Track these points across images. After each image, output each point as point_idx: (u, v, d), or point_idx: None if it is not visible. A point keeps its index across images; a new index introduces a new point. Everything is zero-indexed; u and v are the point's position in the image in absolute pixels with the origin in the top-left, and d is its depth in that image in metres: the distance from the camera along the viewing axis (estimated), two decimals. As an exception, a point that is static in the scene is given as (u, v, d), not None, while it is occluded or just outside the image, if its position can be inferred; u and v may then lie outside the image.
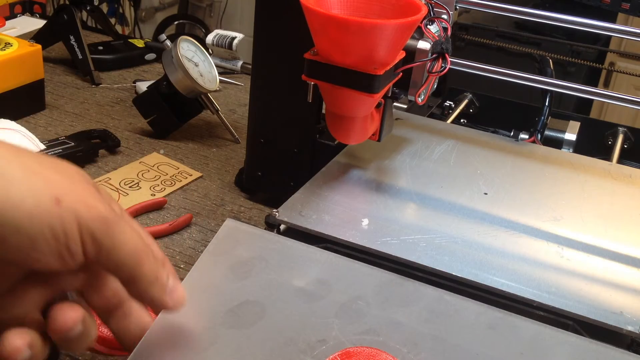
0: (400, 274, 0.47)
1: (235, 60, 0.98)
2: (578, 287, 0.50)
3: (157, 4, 3.04)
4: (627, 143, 0.82)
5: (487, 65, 0.66)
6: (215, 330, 0.40)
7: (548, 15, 0.63)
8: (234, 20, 2.97)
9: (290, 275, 0.45)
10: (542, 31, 1.67)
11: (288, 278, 0.45)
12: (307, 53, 0.53)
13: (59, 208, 0.33)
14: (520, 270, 0.51)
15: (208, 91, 0.91)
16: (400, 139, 0.69)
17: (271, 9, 0.66)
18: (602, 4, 0.75)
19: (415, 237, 0.53)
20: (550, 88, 0.67)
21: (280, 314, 0.42)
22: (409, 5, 0.51)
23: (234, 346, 0.39)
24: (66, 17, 1.12)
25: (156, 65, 1.24)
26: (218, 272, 0.44)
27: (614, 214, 0.60)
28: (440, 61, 0.56)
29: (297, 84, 0.55)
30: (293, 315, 0.41)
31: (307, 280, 0.45)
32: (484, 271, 0.50)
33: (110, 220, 0.35)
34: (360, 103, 0.54)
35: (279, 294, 0.43)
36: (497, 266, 0.51)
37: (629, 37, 0.62)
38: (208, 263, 0.45)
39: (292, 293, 0.43)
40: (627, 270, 0.52)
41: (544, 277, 0.50)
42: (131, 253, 0.36)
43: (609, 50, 2.01)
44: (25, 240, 0.33)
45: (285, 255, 0.47)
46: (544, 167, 0.67)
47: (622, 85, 2.10)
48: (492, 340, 0.41)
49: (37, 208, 0.33)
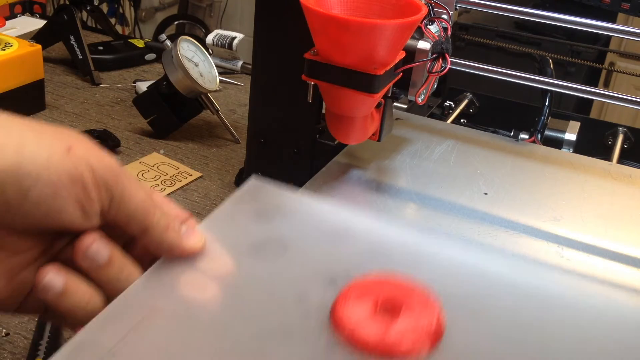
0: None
1: (235, 60, 0.98)
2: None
3: (157, 4, 3.04)
4: (627, 143, 0.82)
5: (487, 65, 0.66)
6: (237, 259, 0.41)
7: (548, 15, 0.63)
8: (234, 20, 2.97)
9: (319, 221, 0.45)
10: (542, 31, 1.67)
11: (315, 224, 0.45)
12: (307, 53, 0.53)
13: (72, 156, 0.35)
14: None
15: (208, 91, 0.91)
16: (400, 139, 0.69)
17: (271, 9, 0.66)
18: (602, 4, 0.75)
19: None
20: (550, 88, 0.67)
21: (305, 250, 0.43)
22: (409, 5, 0.51)
23: (255, 273, 0.40)
24: (66, 17, 1.12)
25: (156, 65, 1.24)
26: (241, 215, 0.44)
27: (614, 214, 0.60)
28: (440, 61, 0.56)
29: (297, 84, 0.55)
30: (318, 252, 0.42)
31: (335, 227, 0.45)
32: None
33: (118, 170, 0.36)
34: (360, 103, 0.54)
35: (305, 234, 0.44)
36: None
37: (629, 37, 0.62)
38: (229, 209, 0.45)
39: (318, 235, 0.44)
40: (627, 270, 0.52)
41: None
42: (141, 203, 0.37)
43: (609, 50, 2.01)
44: (46, 189, 0.34)
45: (314, 209, 0.47)
46: (544, 167, 0.67)
47: (622, 85, 2.10)
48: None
49: (52, 157, 0.34)
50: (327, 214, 0.47)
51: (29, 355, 0.56)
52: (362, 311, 0.37)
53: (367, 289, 0.38)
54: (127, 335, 0.35)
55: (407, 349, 0.35)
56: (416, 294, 0.38)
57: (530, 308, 0.39)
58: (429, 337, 0.36)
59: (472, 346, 0.36)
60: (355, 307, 0.37)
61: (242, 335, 0.36)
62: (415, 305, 0.37)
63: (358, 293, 0.38)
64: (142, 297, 0.37)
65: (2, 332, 0.59)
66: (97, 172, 0.35)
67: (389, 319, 0.36)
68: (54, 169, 0.34)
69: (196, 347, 0.35)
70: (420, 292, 0.38)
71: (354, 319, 0.36)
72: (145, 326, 0.36)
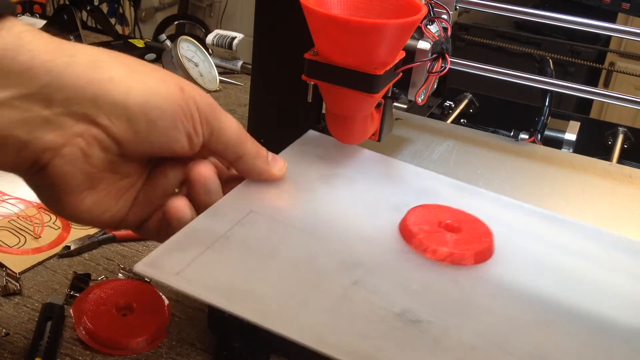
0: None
1: (235, 60, 0.98)
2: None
3: (157, 4, 3.04)
4: (627, 143, 0.82)
5: (487, 65, 0.66)
6: (312, 185, 0.49)
7: (548, 15, 0.63)
8: (234, 20, 2.97)
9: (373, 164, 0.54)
10: (542, 31, 1.67)
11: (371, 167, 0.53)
12: (307, 53, 0.53)
13: (184, 94, 0.40)
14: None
15: (208, 91, 0.91)
16: (400, 139, 0.69)
17: (271, 9, 0.66)
18: (602, 4, 0.75)
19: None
20: (550, 88, 0.67)
21: (367, 185, 0.50)
22: (409, 5, 0.51)
23: (330, 197, 0.48)
24: (66, 17, 1.12)
25: (156, 65, 1.24)
26: (307, 156, 0.52)
27: (614, 214, 0.60)
28: (440, 61, 0.56)
29: (297, 84, 0.55)
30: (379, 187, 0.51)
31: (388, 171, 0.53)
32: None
33: (215, 106, 0.42)
34: (360, 103, 0.54)
35: (365, 173, 0.52)
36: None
37: (629, 37, 0.62)
38: (294, 150, 0.52)
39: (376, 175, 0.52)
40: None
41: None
42: (235, 134, 0.43)
43: (609, 50, 2.01)
44: (168, 121, 0.40)
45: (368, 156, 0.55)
46: (544, 167, 0.67)
47: (622, 85, 2.10)
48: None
49: (170, 93, 0.40)
50: (379, 160, 0.55)
51: (29, 355, 0.56)
52: (429, 227, 0.45)
53: (430, 212, 0.46)
54: (234, 227, 0.42)
55: (468, 258, 0.43)
56: (472, 220, 0.47)
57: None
58: (484, 252, 0.44)
59: (515, 266, 0.44)
60: (423, 224, 0.45)
61: (327, 240, 0.43)
62: (471, 227, 0.46)
63: (423, 214, 0.46)
64: (239, 204, 0.45)
65: (2, 332, 0.59)
66: (201, 109, 0.41)
67: (452, 235, 0.44)
68: (173, 103, 0.39)
69: (291, 241, 0.42)
70: (473, 219, 0.47)
71: (424, 231, 0.44)
72: (248, 222, 0.43)
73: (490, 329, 0.38)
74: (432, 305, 0.39)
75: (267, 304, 0.37)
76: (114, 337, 0.58)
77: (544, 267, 0.45)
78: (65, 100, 0.37)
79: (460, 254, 0.43)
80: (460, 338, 0.37)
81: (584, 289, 0.43)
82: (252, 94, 0.71)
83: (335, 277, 0.40)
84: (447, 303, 0.40)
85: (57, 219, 0.74)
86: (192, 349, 0.59)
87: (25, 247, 0.69)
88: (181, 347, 0.59)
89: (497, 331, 0.38)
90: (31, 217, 0.74)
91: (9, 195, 0.77)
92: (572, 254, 0.47)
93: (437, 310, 0.39)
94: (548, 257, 0.46)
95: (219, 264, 0.39)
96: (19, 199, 0.76)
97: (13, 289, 0.63)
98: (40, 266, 0.67)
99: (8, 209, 0.75)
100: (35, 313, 0.61)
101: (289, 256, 0.41)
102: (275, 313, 0.37)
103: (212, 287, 0.38)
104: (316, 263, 0.41)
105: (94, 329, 0.58)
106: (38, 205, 0.76)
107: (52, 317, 0.59)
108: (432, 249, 0.43)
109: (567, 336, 0.38)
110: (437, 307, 0.39)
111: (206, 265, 0.39)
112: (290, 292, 0.39)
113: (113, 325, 0.59)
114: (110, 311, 0.60)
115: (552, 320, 0.40)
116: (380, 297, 0.39)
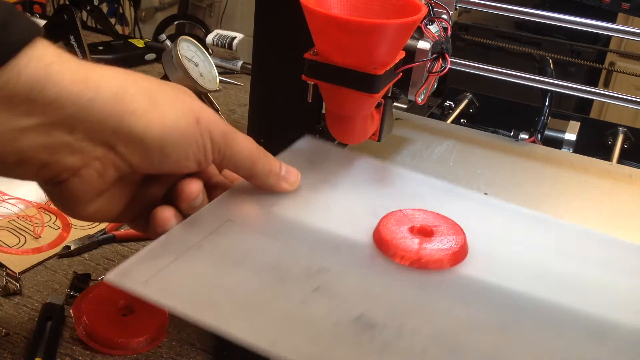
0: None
1: (235, 60, 0.98)
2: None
3: (157, 4, 3.03)
4: (627, 143, 0.82)
5: (487, 65, 0.66)
6: (296, 193, 0.50)
7: (548, 15, 0.63)
8: (234, 20, 2.97)
9: (359, 169, 0.55)
10: (542, 31, 1.67)
11: (356, 171, 0.55)
12: (307, 53, 0.52)
13: (200, 127, 0.43)
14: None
15: (208, 91, 0.91)
16: (400, 139, 0.69)
17: (271, 9, 0.66)
18: (602, 4, 0.75)
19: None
20: (550, 88, 0.67)
21: (350, 190, 0.52)
22: (409, 5, 0.51)
23: (312, 205, 0.50)
24: (66, 17, 1.12)
25: (156, 65, 1.24)
26: (296, 163, 0.51)
27: (614, 214, 0.60)
28: (440, 61, 0.56)
29: (297, 84, 0.55)
30: (360, 192, 0.52)
31: (373, 174, 0.55)
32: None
33: (229, 133, 0.45)
34: (360, 103, 0.54)
35: (349, 178, 0.53)
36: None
37: (629, 37, 0.62)
38: (287, 158, 0.53)
39: (359, 179, 0.54)
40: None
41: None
42: (246, 157, 0.46)
43: (609, 50, 2.01)
44: (181, 155, 0.42)
45: (355, 160, 0.56)
46: (544, 167, 0.67)
47: (622, 85, 2.10)
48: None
49: (187, 127, 0.42)
50: (365, 164, 0.56)
51: (28, 355, 0.56)
52: (400, 232, 0.45)
53: (405, 217, 0.47)
54: (209, 236, 0.44)
55: (436, 262, 0.43)
56: (448, 224, 0.47)
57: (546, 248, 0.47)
58: (455, 255, 0.44)
59: (487, 269, 0.44)
60: (395, 229, 0.45)
61: (297, 246, 0.45)
62: (446, 231, 0.46)
63: (397, 219, 0.47)
64: (219, 212, 0.46)
65: (2, 332, 0.59)
66: (215, 139, 0.44)
67: (423, 239, 0.45)
68: (189, 138, 0.42)
69: (260, 249, 0.44)
70: (449, 222, 0.47)
71: (394, 236, 0.45)
72: (223, 231, 0.44)
73: (446, 332, 0.38)
74: (390, 309, 0.39)
75: (225, 309, 0.38)
76: (114, 337, 0.58)
77: (517, 268, 0.45)
78: (87, 129, 0.40)
79: (428, 259, 0.43)
80: (413, 342, 0.37)
81: (556, 289, 0.43)
82: (252, 94, 0.71)
83: (298, 283, 0.41)
84: (407, 307, 0.40)
85: (57, 219, 0.74)
86: (192, 349, 0.59)
87: (25, 247, 0.69)
88: (181, 347, 0.59)
89: (452, 334, 0.38)
90: (31, 217, 0.74)
91: (9, 195, 0.77)
92: (551, 254, 0.47)
93: (394, 315, 0.39)
94: (524, 259, 0.46)
95: (186, 272, 0.41)
96: (19, 199, 0.76)
97: (13, 289, 0.63)
98: (40, 266, 0.67)
99: (8, 209, 0.75)
100: (35, 313, 0.61)
101: (256, 264, 0.42)
102: (231, 317, 0.38)
103: (174, 294, 0.39)
104: (281, 270, 0.42)
105: (94, 329, 0.58)
106: (38, 205, 0.76)
107: (52, 317, 0.59)
108: (400, 254, 0.43)
109: (524, 338, 0.38)
110: (395, 312, 0.39)
111: (174, 273, 0.40)
112: (250, 298, 0.39)
113: (113, 325, 0.59)
114: (110, 311, 0.60)
115: (512, 323, 0.39)
116: (340, 303, 0.39)
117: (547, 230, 0.50)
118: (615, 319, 0.40)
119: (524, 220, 0.51)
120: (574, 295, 0.42)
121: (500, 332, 0.39)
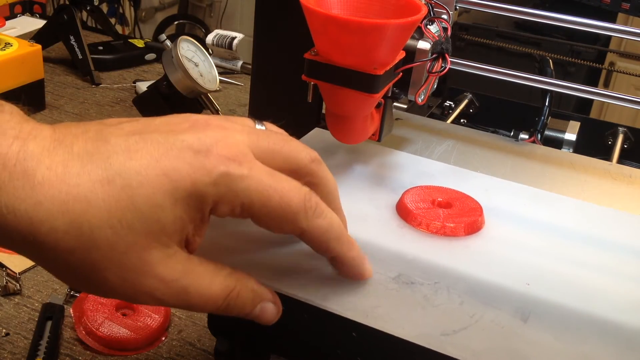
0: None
1: (235, 60, 0.98)
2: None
3: (157, 4, 3.04)
4: (627, 143, 0.82)
5: (487, 65, 0.66)
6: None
7: (548, 15, 0.63)
8: (234, 20, 2.97)
9: (373, 155, 0.59)
10: (542, 31, 1.67)
11: (370, 157, 0.59)
12: (307, 53, 0.52)
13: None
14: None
15: (208, 91, 0.91)
16: (400, 139, 0.69)
17: (271, 9, 0.66)
18: (602, 4, 0.75)
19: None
20: (550, 88, 0.67)
21: (367, 173, 0.57)
22: (409, 5, 0.51)
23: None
24: (66, 17, 1.12)
25: (156, 65, 1.24)
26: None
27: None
28: (440, 61, 0.56)
29: (297, 84, 0.55)
30: (378, 175, 0.57)
31: (386, 159, 0.59)
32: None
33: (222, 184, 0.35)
34: (360, 103, 0.54)
35: (365, 163, 0.58)
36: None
37: (629, 37, 0.62)
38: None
39: (375, 164, 0.58)
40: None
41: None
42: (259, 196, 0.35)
43: (609, 50, 2.01)
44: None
45: (366, 148, 0.60)
46: (544, 167, 0.67)
47: (622, 85, 2.10)
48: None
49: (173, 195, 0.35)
50: (380, 151, 0.60)
51: (29, 355, 0.56)
52: (424, 204, 0.50)
53: (424, 191, 0.52)
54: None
55: (459, 229, 0.48)
56: (463, 197, 0.52)
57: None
58: (476, 223, 0.49)
59: (502, 237, 0.49)
60: (419, 201, 0.51)
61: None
62: (463, 203, 0.51)
63: (418, 193, 0.51)
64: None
65: (2, 332, 0.59)
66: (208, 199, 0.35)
67: (445, 210, 0.50)
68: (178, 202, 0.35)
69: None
70: (464, 196, 0.52)
71: (419, 207, 0.50)
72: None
73: (477, 288, 0.43)
74: (424, 269, 0.44)
75: (274, 269, 0.42)
76: (114, 337, 0.58)
77: (529, 238, 0.50)
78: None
79: (452, 226, 0.48)
80: (450, 296, 0.42)
81: (567, 257, 0.48)
82: (252, 94, 0.71)
83: None
84: (439, 268, 0.45)
85: (57, 219, 0.74)
86: (192, 349, 0.59)
87: (25, 247, 0.69)
88: (181, 347, 0.59)
89: (484, 290, 0.43)
90: (31, 217, 0.74)
91: (9, 195, 0.76)
92: (556, 226, 0.52)
93: (429, 274, 0.43)
94: (533, 229, 0.51)
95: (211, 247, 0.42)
96: (19, 199, 0.76)
97: (13, 289, 0.63)
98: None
99: (8, 209, 0.75)
100: (35, 313, 0.61)
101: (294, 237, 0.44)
102: (283, 276, 0.41)
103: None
104: None
105: (94, 329, 0.58)
106: (38, 205, 0.76)
107: (52, 317, 0.59)
108: (426, 223, 0.49)
109: (547, 292, 0.43)
110: (429, 272, 0.44)
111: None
112: (295, 261, 0.43)
113: (113, 325, 0.59)
114: (110, 311, 0.60)
115: (536, 279, 0.44)
116: (378, 265, 0.43)
117: (558, 208, 0.55)
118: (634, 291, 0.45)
119: (532, 196, 0.57)
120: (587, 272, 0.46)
121: (526, 288, 0.43)
